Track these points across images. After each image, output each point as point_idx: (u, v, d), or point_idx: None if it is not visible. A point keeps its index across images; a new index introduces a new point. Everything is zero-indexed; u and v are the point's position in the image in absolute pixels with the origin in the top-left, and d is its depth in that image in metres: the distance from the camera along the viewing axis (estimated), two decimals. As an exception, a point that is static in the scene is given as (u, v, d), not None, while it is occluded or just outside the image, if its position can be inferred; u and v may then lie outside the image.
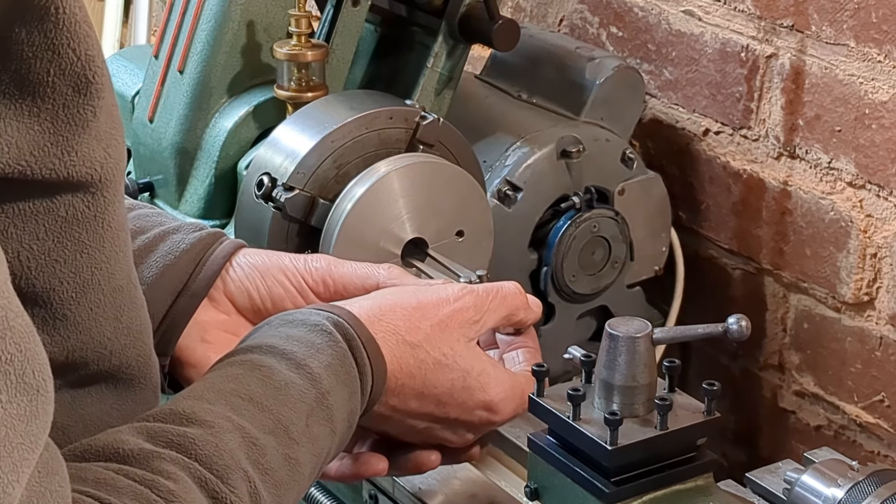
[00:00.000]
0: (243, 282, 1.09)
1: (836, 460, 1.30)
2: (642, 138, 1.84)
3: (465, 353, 1.02)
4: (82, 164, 0.76)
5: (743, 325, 1.17)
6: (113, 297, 0.82)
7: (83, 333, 0.81)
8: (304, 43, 1.53)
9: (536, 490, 1.25)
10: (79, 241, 0.79)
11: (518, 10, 2.00)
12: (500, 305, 1.06)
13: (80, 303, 0.80)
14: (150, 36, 2.58)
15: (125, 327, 0.84)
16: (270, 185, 1.42)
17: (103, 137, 0.77)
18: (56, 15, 0.73)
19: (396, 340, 0.98)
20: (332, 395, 0.92)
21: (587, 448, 1.19)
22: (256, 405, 0.88)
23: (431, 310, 1.01)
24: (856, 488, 1.22)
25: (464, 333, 1.03)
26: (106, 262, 0.81)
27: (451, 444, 1.07)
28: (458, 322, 1.02)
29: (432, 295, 1.02)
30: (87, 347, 0.82)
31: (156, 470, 0.79)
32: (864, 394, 1.65)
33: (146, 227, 1.07)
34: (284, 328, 0.95)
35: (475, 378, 1.02)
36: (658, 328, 1.20)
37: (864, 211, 1.59)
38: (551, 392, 1.23)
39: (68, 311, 0.80)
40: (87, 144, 0.76)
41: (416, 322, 1.00)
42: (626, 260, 1.68)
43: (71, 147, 0.75)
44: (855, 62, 1.57)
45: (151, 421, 0.84)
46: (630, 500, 1.19)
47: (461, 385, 1.02)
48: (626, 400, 1.19)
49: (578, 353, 1.25)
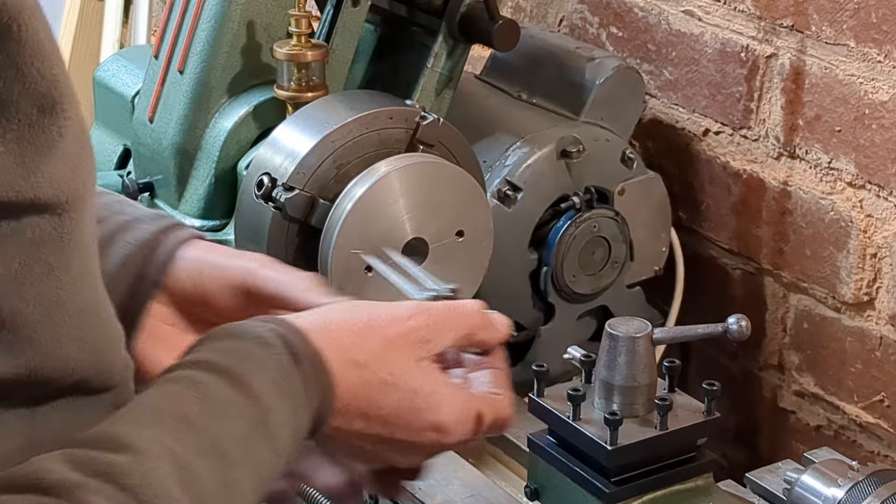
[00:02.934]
0: (180, 277, 1.05)
1: (836, 460, 1.31)
2: (642, 138, 1.84)
3: (414, 373, 0.98)
4: (49, 185, 0.75)
5: (743, 325, 1.18)
6: (79, 317, 0.80)
7: (47, 354, 0.79)
8: (304, 43, 1.53)
9: (536, 490, 1.26)
10: (45, 262, 0.77)
11: (518, 10, 2.00)
12: (457, 325, 1.01)
13: (44, 324, 0.78)
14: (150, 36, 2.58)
15: (90, 346, 0.82)
16: (270, 186, 1.42)
17: (70, 158, 0.76)
18: (18, 33, 0.71)
19: (342, 359, 0.94)
20: (274, 412, 0.88)
21: (587, 448, 1.19)
22: (191, 427, 0.84)
23: (381, 328, 0.97)
24: (856, 488, 1.23)
25: (414, 353, 0.98)
26: (72, 283, 0.79)
27: (401, 466, 1.03)
28: (409, 341, 0.98)
29: (384, 312, 0.98)
30: (50, 366, 0.79)
31: (78, 502, 0.75)
32: (864, 394, 1.65)
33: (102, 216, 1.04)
34: (226, 341, 0.91)
35: (424, 399, 0.97)
36: (658, 328, 1.21)
37: (864, 211, 1.59)
38: (551, 392, 1.24)
39: (33, 333, 0.77)
40: (53, 165, 0.75)
41: (364, 340, 0.96)
42: (626, 260, 1.68)
43: (37, 168, 0.74)
44: (855, 62, 1.57)
45: (81, 447, 0.80)
46: (630, 500, 1.20)
47: (408, 406, 0.97)
48: (626, 400, 1.19)
49: (578, 353, 1.25)
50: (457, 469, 1.43)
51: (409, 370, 0.97)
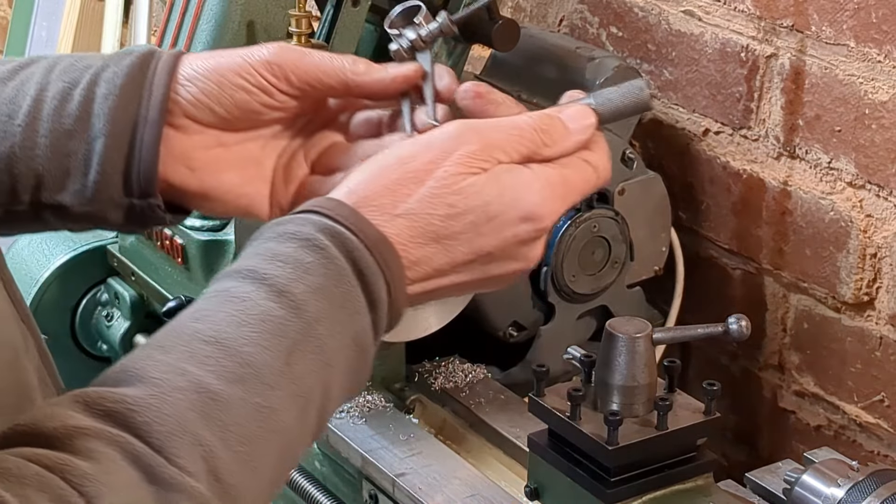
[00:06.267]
0: (199, 98, 0.98)
1: (836, 460, 1.31)
2: (642, 138, 1.84)
3: (474, 186, 0.91)
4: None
5: (743, 325, 1.18)
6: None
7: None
8: (304, 43, 1.53)
9: (536, 490, 1.26)
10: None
11: (518, 10, 2.00)
12: (509, 150, 0.93)
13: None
14: (150, 36, 2.57)
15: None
16: (270, 185, 1.42)
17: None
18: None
19: (391, 216, 0.89)
20: (322, 323, 0.83)
21: (587, 448, 1.19)
22: (222, 348, 0.79)
23: (420, 170, 0.91)
24: (856, 488, 1.23)
25: (466, 168, 0.91)
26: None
27: (519, 268, 0.95)
28: (455, 164, 0.91)
29: (418, 152, 0.92)
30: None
31: (74, 450, 0.72)
32: (864, 394, 1.65)
33: (77, 78, 0.98)
34: (272, 243, 0.86)
35: (498, 203, 0.91)
36: (658, 328, 1.21)
37: (864, 211, 1.59)
38: (551, 392, 1.24)
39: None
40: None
41: (405, 188, 0.90)
42: (626, 260, 1.68)
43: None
44: (855, 62, 1.56)
45: (98, 385, 0.77)
46: (630, 500, 1.20)
47: (484, 218, 0.91)
48: (626, 400, 1.19)
49: (578, 353, 1.25)
50: (457, 469, 1.43)
51: (464, 190, 0.91)
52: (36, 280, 1.84)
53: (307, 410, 0.83)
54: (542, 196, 0.93)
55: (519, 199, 0.92)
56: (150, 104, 0.97)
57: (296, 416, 0.82)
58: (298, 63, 0.99)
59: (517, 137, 0.94)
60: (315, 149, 1.03)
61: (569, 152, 0.96)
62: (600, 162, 0.97)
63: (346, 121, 1.05)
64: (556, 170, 0.95)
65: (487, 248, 0.92)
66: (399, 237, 0.89)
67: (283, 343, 0.81)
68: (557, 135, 0.96)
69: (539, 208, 0.93)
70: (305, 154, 1.03)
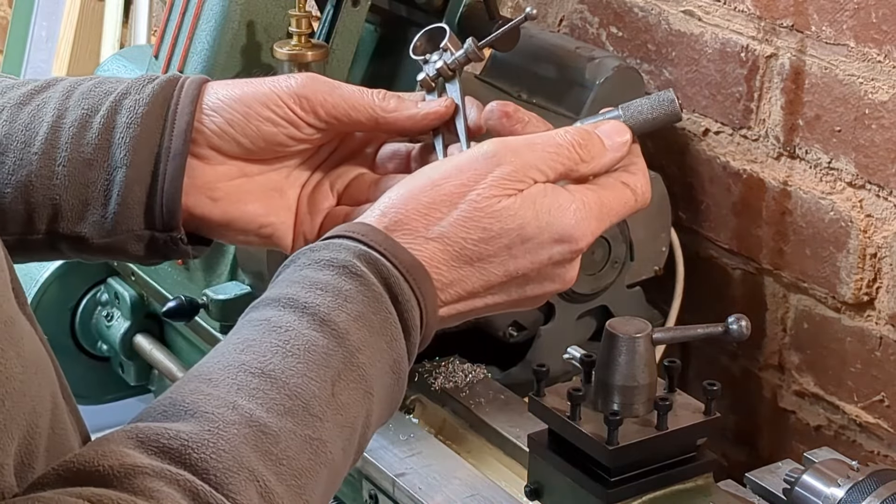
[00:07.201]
0: (224, 129, 0.97)
1: (836, 460, 1.31)
2: (642, 138, 1.83)
3: (509, 209, 0.91)
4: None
5: (743, 325, 1.18)
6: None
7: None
8: (304, 43, 1.53)
9: (536, 490, 1.26)
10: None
11: (518, 10, 2.00)
12: (543, 167, 0.93)
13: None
14: (150, 36, 2.58)
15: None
16: (270, 185, 1.42)
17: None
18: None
19: (424, 239, 0.89)
20: (363, 352, 0.83)
21: (587, 448, 1.19)
22: (270, 380, 0.79)
23: (453, 192, 0.91)
24: (856, 488, 1.23)
25: (501, 190, 0.91)
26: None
27: (554, 292, 0.96)
28: (489, 186, 0.91)
29: (451, 173, 0.92)
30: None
31: (135, 489, 0.71)
32: (864, 394, 1.65)
33: (96, 104, 0.97)
34: (308, 270, 0.85)
35: (533, 226, 0.91)
36: (658, 328, 1.21)
37: (864, 211, 1.59)
38: (551, 392, 1.24)
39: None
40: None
41: (437, 211, 0.90)
42: (626, 260, 1.68)
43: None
44: (855, 62, 1.56)
45: (148, 420, 0.76)
46: (630, 500, 1.20)
47: (519, 241, 0.91)
48: (626, 400, 1.19)
49: (578, 353, 1.25)
50: (457, 469, 1.43)
51: (501, 210, 0.91)
52: (36, 280, 1.84)
53: (351, 440, 0.83)
54: (577, 218, 0.93)
55: (554, 221, 0.92)
56: (173, 135, 0.96)
57: (342, 446, 0.82)
58: (328, 97, 0.98)
59: (553, 155, 0.94)
60: (341, 180, 1.03)
61: (605, 169, 0.97)
62: (639, 184, 0.98)
63: (373, 152, 1.04)
64: (592, 191, 0.95)
65: (522, 270, 0.93)
66: (432, 260, 0.90)
67: (327, 373, 0.81)
68: (595, 151, 0.97)
69: (574, 230, 0.93)
70: (331, 185, 1.02)
